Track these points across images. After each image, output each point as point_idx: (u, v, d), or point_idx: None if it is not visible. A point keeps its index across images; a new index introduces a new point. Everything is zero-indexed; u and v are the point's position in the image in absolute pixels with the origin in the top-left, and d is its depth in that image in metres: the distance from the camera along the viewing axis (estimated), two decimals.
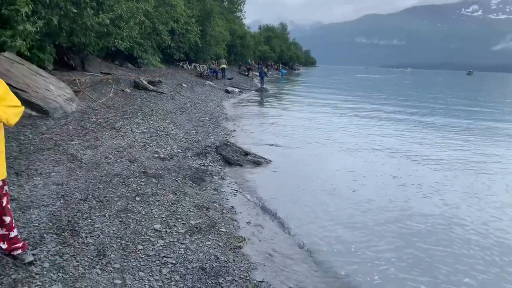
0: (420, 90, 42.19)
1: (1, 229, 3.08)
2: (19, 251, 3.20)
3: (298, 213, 5.75)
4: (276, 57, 70.29)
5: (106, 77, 14.56)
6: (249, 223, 5.18)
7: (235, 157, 7.93)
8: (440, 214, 5.99)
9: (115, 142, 7.57)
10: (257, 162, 7.89)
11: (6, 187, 3.07)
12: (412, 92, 37.96)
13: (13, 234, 3.15)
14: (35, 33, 9.80)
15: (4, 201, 3.05)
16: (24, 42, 9.47)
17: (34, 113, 7.84)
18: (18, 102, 2.97)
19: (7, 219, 3.07)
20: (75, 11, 10.79)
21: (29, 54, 10.21)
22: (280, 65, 67.55)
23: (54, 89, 8.62)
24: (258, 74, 31.85)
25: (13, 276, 3.03)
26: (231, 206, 5.64)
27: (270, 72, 48.33)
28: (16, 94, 3.87)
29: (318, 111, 18.11)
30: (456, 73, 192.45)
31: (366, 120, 15.57)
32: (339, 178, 7.55)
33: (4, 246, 3.13)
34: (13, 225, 3.17)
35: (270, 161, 8.20)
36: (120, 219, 4.43)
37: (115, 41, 14.68)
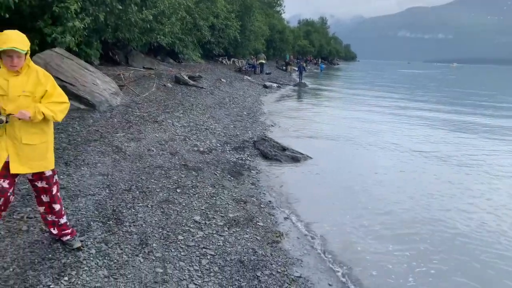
0: (465, 86, 40.17)
1: (52, 216, 3.26)
2: (68, 237, 3.37)
3: (336, 211, 5.68)
4: (315, 52, 69.47)
5: (149, 72, 14.99)
6: (287, 218, 5.18)
7: (272, 152, 7.94)
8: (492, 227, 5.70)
9: (157, 135, 7.79)
10: (295, 157, 7.85)
11: (56, 176, 3.24)
12: (457, 88, 36.22)
13: (63, 220, 3.33)
14: (83, 30, 10.24)
15: (54, 189, 3.23)
16: (73, 38, 9.92)
17: (81, 106, 8.21)
18: (65, 98, 3.12)
19: (57, 206, 3.25)
20: (120, 7, 11.14)
21: (77, 50, 10.69)
22: (319, 60, 66.72)
23: (100, 83, 8.98)
24: (296, 69, 31.66)
25: (62, 261, 3.20)
26: (269, 201, 5.67)
27: (308, 67, 47.86)
28: (65, 87, 4.08)
29: (358, 107, 17.66)
30: (507, 69, 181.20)
31: (407, 118, 14.75)
32: (380, 179, 7.31)
33: (55, 231, 3.31)
34: (63, 212, 3.35)
35: (309, 157, 8.13)
36: (162, 210, 4.56)
37: (158, 36, 15.03)
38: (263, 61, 29.48)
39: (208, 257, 3.75)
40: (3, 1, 8.07)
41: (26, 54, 2.83)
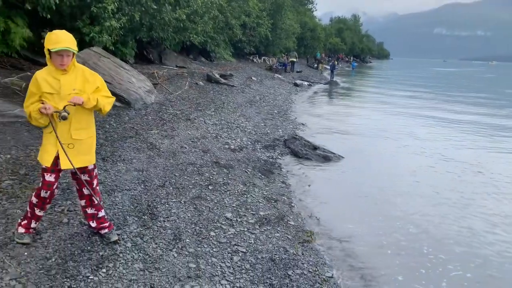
0: (505, 85, 38.33)
1: (91, 209, 3.39)
2: (106, 230, 3.49)
3: (367, 213, 5.58)
4: (347, 50, 68.48)
5: (181, 70, 15.25)
6: (318, 218, 5.15)
7: (303, 151, 7.90)
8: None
9: (189, 132, 7.91)
10: (327, 157, 7.78)
11: (96, 170, 3.36)
12: (495, 88, 34.57)
13: (101, 214, 3.45)
14: (119, 29, 10.54)
15: (95, 182, 3.35)
16: (110, 37, 10.24)
17: (117, 104, 8.45)
18: (110, 94, 3.25)
19: (97, 199, 3.37)
20: (155, 7, 11.38)
21: (113, 49, 11.02)
22: (351, 58, 65.68)
23: (135, 82, 9.21)
24: (328, 67, 31.31)
25: (100, 253, 3.32)
26: (299, 200, 5.65)
27: (340, 65, 47.22)
28: None
29: (390, 107, 17.17)
30: None
31: (442, 120, 14.00)
32: (412, 183, 7.11)
33: (93, 224, 3.44)
34: (101, 206, 3.47)
35: (341, 156, 8.03)
36: (194, 206, 4.64)
37: (190, 35, 15.27)
38: (294, 60, 29.35)
39: (240, 254, 3.78)
40: (45, 2, 8.42)
41: (73, 54, 2.95)
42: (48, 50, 2.85)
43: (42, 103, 2.91)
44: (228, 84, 15.08)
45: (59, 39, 2.82)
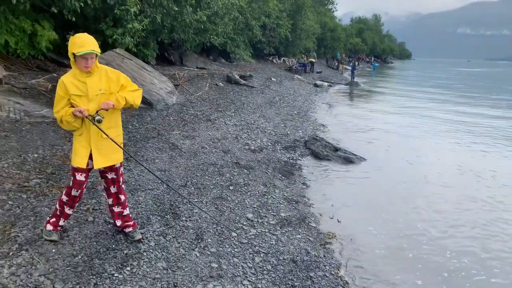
0: None
1: (118, 207, 3.45)
2: (130, 229, 3.55)
3: (390, 215, 5.50)
4: (368, 50, 67.66)
5: (202, 71, 15.37)
6: (340, 221, 5.10)
7: (324, 152, 7.84)
8: None
9: (210, 133, 7.97)
10: (348, 158, 7.70)
11: (122, 168, 3.43)
12: None
13: (126, 212, 3.51)
14: (141, 31, 10.71)
15: (121, 180, 3.42)
16: (132, 39, 10.41)
17: (140, 105, 8.58)
18: (137, 86, 3.34)
19: (122, 197, 3.44)
20: (176, 9, 11.50)
21: (135, 50, 11.20)
22: (372, 58, 64.89)
23: (157, 83, 9.34)
24: (348, 67, 31.02)
25: (125, 251, 3.37)
26: (321, 202, 5.61)
27: (361, 66, 46.72)
28: None
29: (413, 108, 16.84)
30: None
31: (467, 125, 13.37)
32: (435, 186, 6.97)
33: (119, 223, 3.50)
34: (126, 203, 3.53)
35: (362, 158, 7.93)
36: (216, 206, 4.67)
37: (211, 37, 15.35)
38: (313, 60, 29.19)
39: (261, 255, 3.78)
40: (71, 5, 8.63)
41: (96, 56, 3.02)
42: (73, 53, 2.92)
43: (73, 107, 3.00)
44: (247, 85, 15.11)
45: (83, 43, 2.90)
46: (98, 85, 3.07)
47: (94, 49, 2.91)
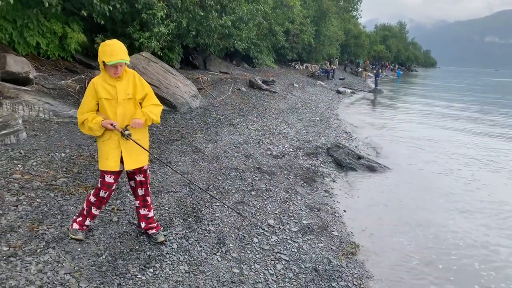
0: None
1: (144, 209, 3.48)
2: (153, 231, 3.57)
3: (416, 225, 5.37)
4: (392, 57, 66.76)
5: (225, 76, 15.46)
6: (363, 230, 5.01)
7: (347, 160, 7.74)
8: None
9: (232, 137, 7.98)
10: (371, 167, 7.58)
11: (148, 171, 3.47)
12: None
13: (151, 214, 3.54)
14: (167, 35, 10.87)
15: (148, 182, 3.46)
16: (158, 43, 10.59)
17: (164, 108, 8.66)
18: (158, 101, 3.38)
19: (149, 199, 3.48)
20: (202, 14, 11.65)
21: (161, 54, 11.37)
22: (396, 66, 64.01)
23: (181, 86, 9.44)
24: (371, 74, 30.67)
25: (148, 253, 3.39)
26: (344, 210, 5.53)
27: (384, 73, 46.12)
28: None
29: (437, 118, 16.46)
30: None
31: (493, 136, 12.98)
32: (462, 196, 6.79)
33: (143, 225, 3.53)
34: (151, 206, 3.56)
35: (386, 167, 7.79)
36: (237, 211, 4.66)
37: (235, 42, 15.46)
38: (334, 67, 29.03)
39: (283, 262, 3.74)
40: (100, 9, 8.84)
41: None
42: (103, 61, 2.97)
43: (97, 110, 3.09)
44: (270, 90, 15.12)
45: (113, 52, 2.93)
46: (127, 89, 3.12)
47: (124, 59, 2.96)
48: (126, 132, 3.08)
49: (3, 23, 8.10)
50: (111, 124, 3.03)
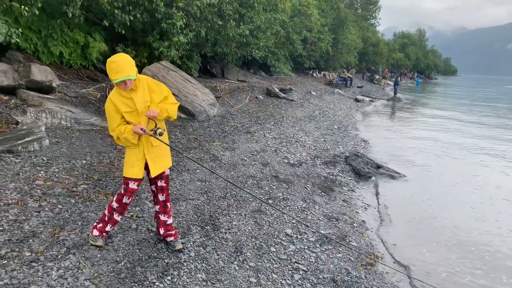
0: None
1: (164, 216, 3.51)
2: (172, 238, 3.59)
3: (436, 235, 5.25)
4: (411, 65, 66.00)
5: (242, 84, 15.55)
6: (383, 241, 4.93)
7: (366, 169, 7.65)
8: None
9: (249, 145, 8.00)
10: (391, 176, 7.47)
11: (169, 177, 3.50)
12: None
13: (170, 221, 3.56)
14: (186, 44, 11.01)
15: (168, 188, 3.49)
16: (177, 52, 10.73)
17: (183, 116, 8.78)
18: (175, 100, 3.40)
19: (169, 205, 3.51)
20: (220, 23, 11.76)
21: (180, 62, 11.52)
22: (415, 74, 63.22)
23: (200, 95, 9.53)
24: (390, 82, 30.34)
25: (166, 260, 3.41)
26: (362, 221, 5.45)
27: (403, 81, 45.56)
28: None
29: (457, 126, 16.12)
30: None
31: None
32: (484, 206, 6.62)
33: (162, 231, 3.55)
34: (171, 213, 3.58)
35: (406, 176, 7.66)
36: (255, 219, 4.64)
37: (252, 50, 15.55)
38: (350, 75, 28.85)
39: (301, 272, 3.70)
40: (121, 19, 9.03)
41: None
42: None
43: (128, 123, 3.14)
44: (287, 99, 15.12)
45: (119, 68, 2.91)
46: (144, 97, 3.14)
47: (129, 75, 2.94)
48: (159, 131, 3.10)
49: (28, 33, 8.35)
50: (141, 129, 3.06)
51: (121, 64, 2.91)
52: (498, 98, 38.54)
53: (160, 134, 3.12)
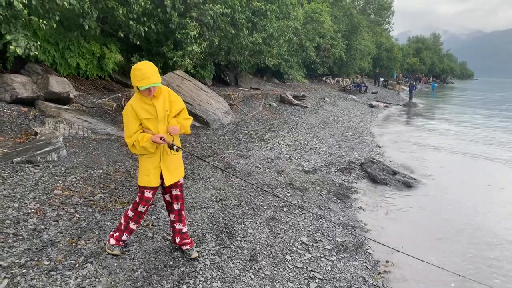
0: None
1: (179, 224, 3.53)
2: (187, 247, 3.60)
3: (455, 243, 5.14)
4: (426, 70, 65.30)
5: (256, 92, 15.61)
6: (399, 250, 4.83)
7: (381, 176, 7.56)
8: None
9: (263, 153, 7.99)
10: (407, 183, 7.35)
11: (183, 185, 3.52)
12: None
13: (185, 229, 3.58)
14: (200, 53, 11.12)
15: (183, 197, 3.51)
16: (191, 61, 10.85)
17: (197, 124, 8.84)
18: (188, 115, 3.45)
19: (184, 213, 3.52)
20: (233, 32, 11.86)
21: (193, 72, 11.64)
22: (431, 78, 62.50)
23: (213, 103, 9.59)
24: (405, 87, 30.02)
25: (181, 269, 3.42)
26: (380, 227, 5.38)
27: (419, 86, 45.05)
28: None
29: (475, 132, 15.78)
30: None
31: None
32: (501, 212, 6.48)
33: (177, 240, 3.57)
34: (185, 222, 3.60)
35: (422, 183, 7.54)
36: (270, 228, 4.62)
37: (265, 58, 15.62)
38: (364, 80, 28.69)
39: (317, 281, 3.67)
40: (136, 29, 9.18)
41: None
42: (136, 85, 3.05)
43: (144, 131, 3.18)
44: (301, 105, 15.10)
45: (144, 76, 2.97)
46: (164, 106, 3.20)
47: (155, 82, 2.99)
48: (175, 147, 3.18)
49: (46, 46, 8.56)
50: (161, 138, 3.10)
51: (146, 72, 2.98)
52: None
53: (177, 151, 3.22)
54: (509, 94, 54.42)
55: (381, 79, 38.80)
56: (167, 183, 3.27)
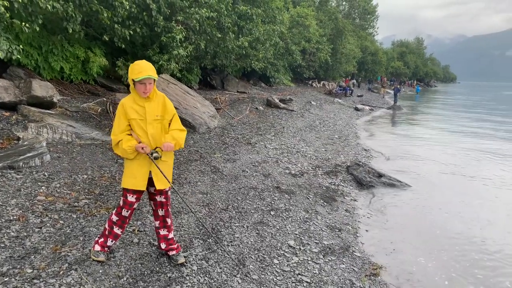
0: None
1: (164, 230, 3.49)
2: (174, 252, 3.56)
3: (440, 244, 5.21)
4: (410, 74, 66.32)
5: (242, 95, 15.63)
6: (386, 251, 4.88)
7: (367, 178, 7.62)
8: None
9: (250, 156, 7.99)
10: (393, 185, 7.44)
11: (169, 192, 3.48)
12: None
13: (171, 235, 3.54)
14: (186, 57, 11.09)
15: (169, 204, 3.48)
16: (177, 65, 10.80)
17: None
18: (181, 125, 3.44)
19: (169, 221, 3.49)
20: (219, 35, 11.87)
21: (179, 75, 11.59)
22: (415, 82, 63.48)
23: (200, 107, 9.56)
24: (389, 91, 30.41)
25: (168, 275, 3.38)
26: (366, 230, 5.42)
27: (403, 89, 45.69)
28: None
29: (458, 134, 16.09)
30: None
31: None
32: (485, 214, 6.61)
33: (163, 246, 3.53)
34: (172, 227, 3.56)
35: (407, 185, 7.64)
36: (257, 231, 4.62)
37: (252, 62, 15.67)
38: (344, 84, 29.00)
39: (304, 284, 3.67)
40: (121, 33, 9.11)
41: (154, 81, 3.14)
42: (132, 79, 3.05)
43: (130, 134, 3.17)
44: (287, 109, 15.17)
45: (141, 69, 3.03)
46: (156, 110, 3.19)
47: (151, 75, 3.03)
48: (154, 155, 3.14)
49: (29, 50, 8.43)
50: (142, 148, 3.09)
51: (144, 66, 3.06)
52: (499, 104, 38.58)
53: (156, 158, 3.15)
54: (489, 96, 55.61)
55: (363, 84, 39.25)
56: (158, 187, 3.25)
